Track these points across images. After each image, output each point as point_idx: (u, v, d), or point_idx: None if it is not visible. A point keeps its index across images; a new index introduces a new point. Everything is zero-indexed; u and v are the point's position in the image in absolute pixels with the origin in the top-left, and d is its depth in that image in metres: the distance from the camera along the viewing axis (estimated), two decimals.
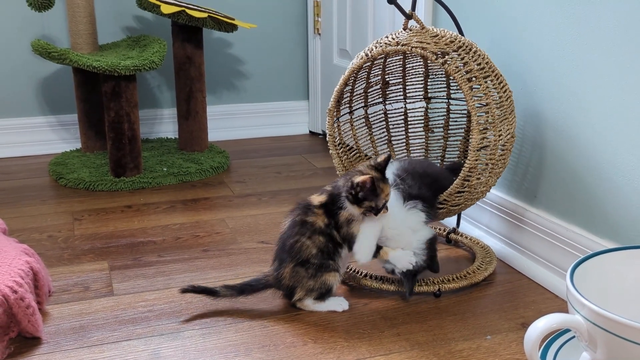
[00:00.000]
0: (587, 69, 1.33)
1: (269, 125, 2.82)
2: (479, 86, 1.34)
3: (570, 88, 1.38)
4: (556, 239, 1.43)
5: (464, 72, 1.33)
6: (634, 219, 1.25)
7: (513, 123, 1.42)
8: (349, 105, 1.59)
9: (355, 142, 1.63)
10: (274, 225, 1.82)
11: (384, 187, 1.29)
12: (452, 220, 1.73)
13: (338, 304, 1.36)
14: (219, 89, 2.73)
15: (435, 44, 1.36)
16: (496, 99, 1.37)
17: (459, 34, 1.44)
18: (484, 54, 1.40)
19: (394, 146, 1.71)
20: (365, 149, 1.66)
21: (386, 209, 1.30)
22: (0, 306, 1.18)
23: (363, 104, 1.64)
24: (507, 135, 1.39)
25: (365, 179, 1.26)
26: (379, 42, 1.42)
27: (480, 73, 1.35)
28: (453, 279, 1.44)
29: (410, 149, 1.71)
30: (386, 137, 1.70)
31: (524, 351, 1.09)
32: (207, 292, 1.35)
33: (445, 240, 1.69)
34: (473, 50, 1.38)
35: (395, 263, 1.34)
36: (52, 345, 1.24)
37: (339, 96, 1.50)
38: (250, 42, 2.72)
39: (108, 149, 2.16)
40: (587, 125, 1.34)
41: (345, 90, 1.53)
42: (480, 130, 1.33)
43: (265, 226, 1.83)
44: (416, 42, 1.36)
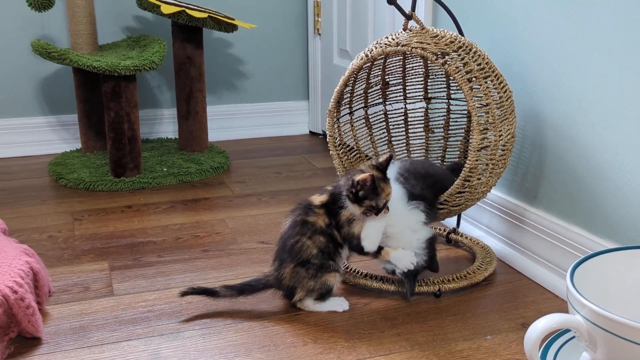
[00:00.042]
0: (587, 69, 1.33)
1: (269, 125, 2.82)
2: (479, 86, 1.34)
3: (570, 88, 1.38)
4: (556, 239, 1.43)
5: (464, 73, 1.33)
6: (634, 219, 1.25)
7: (513, 123, 1.41)
8: (349, 105, 1.59)
9: (356, 143, 1.63)
10: (274, 225, 1.82)
11: (384, 187, 1.28)
12: (452, 220, 1.73)
13: (338, 304, 1.36)
14: (219, 89, 2.73)
15: (436, 44, 1.36)
16: (496, 99, 1.37)
17: (459, 34, 1.44)
18: (484, 54, 1.40)
19: (394, 147, 1.71)
20: (366, 150, 1.66)
21: (387, 209, 1.30)
22: (0, 306, 1.18)
23: (363, 105, 1.64)
24: (508, 135, 1.39)
25: (366, 176, 1.26)
26: (379, 43, 1.42)
27: (480, 73, 1.35)
28: (453, 279, 1.44)
29: (410, 149, 1.71)
30: (386, 138, 1.70)
31: (524, 351, 1.09)
32: (207, 293, 1.35)
33: (446, 240, 1.69)
34: (473, 50, 1.38)
35: (397, 263, 1.34)
36: (52, 346, 1.24)
37: (339, 97, 1.50)
38: (250, 42, 2.72)
39: (108, 149, 2.16)
40: (587, 125, 1.34)
41: (346, 90, 1.53)
42: (480, 131, 1.33)
43: (265, 226, 1.83)
44: (416, 43, 1.36)
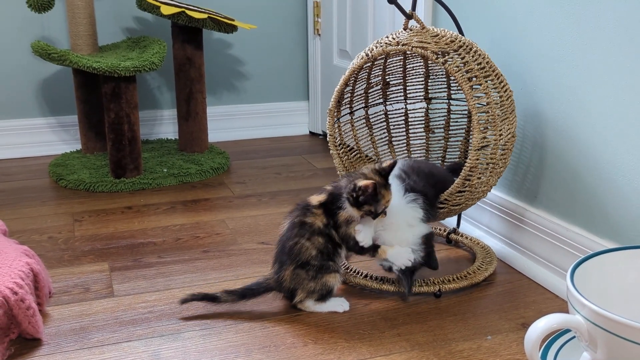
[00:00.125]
0: (587, 69, 1.33)
1: (269, 126, 2.82)
2: (479, 86, 1.34)
3: (570, 88, 1.38)
4: (556, 239, 1.43)
5: (465, 72, 1.33)
6: (634, 219, 1.25)
7: (514, 123, 1.41)
8: (349, 105, 1.58)
9: (356, 143, 1.63)
10: (274, 225, 1.82)
11: (385, 194, 1.29)
12: (453, 220, 1.73)
13: (339, 304, 1.36)
14: (219, 89, 2.73)
15: (436, 43, 1.36)
16: (497, 99, 1.37)
17: (459, 34, 1.44)
18: (484, 54, 1.40)
19: (394, 147, 1.71)
20: (366, 150, 1.66)
21: (384, 214, 1.31)
22: (1, 307, 1.18)
23: (364, 105, 1.64)
24: (508, 134, 1.39)
25: (369, 184, 1.26)
26: (380, 42, 1.42)
27: (480, 73, 1.35)
28: (453, 279, 1.43)
29: (410, 149, 1.71)
30: (387, 138, 1.70)
31: (524, 351, 1.09)
32: (208, 299, 1.34)
33: (446, 240, 1.69)
34: (473, 50, 1.38)
35: (394, 261, 1.34)
36: (53, 347, 1.24)
37: (340, 96, 1.50)
38: (250, 43, 2.72)
39: (108, 150, 2.16)
40: (587, 125, 1.34)
41: (346, 90, 1.53)
42: (480, 130, 1.33)
43: (266, 227, 1.82)
44: (416, 42, 1.36)
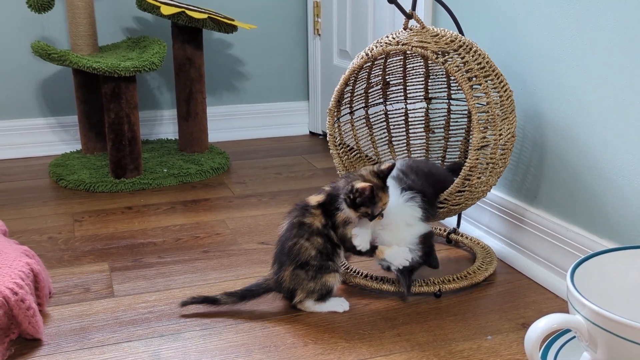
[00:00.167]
0: (587, 69, 1.33)
1: (269, 126, 2.82)
2: (479, 85, 1.34)
3: (570, 88, 1.38)
4: (556, 239, 1.43)
5: (465, 72, 1.33)
6: (634, 219, 1.25)
7: (513, 123, 1.41)
8: (349, 105, 1.58)
9: (356, 143, 1.63)
10: (274, 226, 1.82)
11: (382, 196, 1.29)
12: (453, 220, 1.73)
13: (339, 304, 1.36)
14: (219, 89, 2.73)
15: (436, 43, 1.36)
16: (496, 99, 1.37)
17: (459, 34, 1.44)
18: (484, 54, 1.40)
19: (394, 147, 1.71)
20: (366, 150, 1.66)
21: (381, 216, 1.31)
22: (1, 308, 1.18)
23: (364, 104, 1.64)
24: (508, 134, 1.39)
25: (366, 186, 1.26)
26: (379, 42, 1.42)
27: (480, 72, 1.35)
28: (453, 279, 1.43)
29: (411, 149, 1.71)
30: (387, 138, 1.70)
31: (524, 351, 1.09)
32: (208, 301, 1.35)
33: (446, 240, 1.69)
34: (473, 49, 1.38)
35: (392, 261, 1.34)
36: (53, 347, 1.24)
37: (340, 96, 1.50)
38: (250, 43, 2.72)
39: (108, 150, 2.16)
40: (587, 125, 1.34)
41: (346, 90, 1.53)
42: (480, 130, 1.33)
43: (266, 227, 1.82)
44: (416, 42, 1.36)
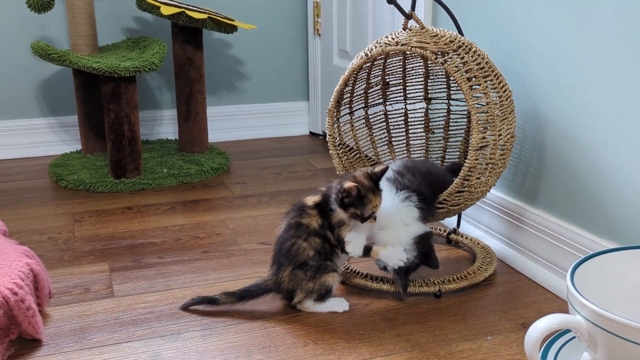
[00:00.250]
0: (587, 69, 1.33)
1: (269, 126, 2.82)
2: (478, 86, 1.34)
3: (570, 88, 1.38)
4: (556, 239, 1.43)
5: (464, 72, 1.33)
6: (634, 219, 1.25)
7: (513, 123, 1.41)
8: (349, 105, 1.58)
9: (356, 143, 1.63)
10: (274, 226, 1.81)
11: (372, 198, 1.28)
12: (453, 220, 1.73)
13: (338, 304, 1.36)
14: (219, 90, 2.73)
15: (435, 43, 1.36)
16: (496, 99, 1.37)
17: (458, 34, 1.44)
18: (483, 54, 1.40)
19: (394, 147, 1.71)
20: (366, 150, 1.66)
21: (373, 219, 1.30)
22: (1, 308, 1.18)
23: (363, 105, 1.64)
24: (507, 135, 1.39)
25: (351, 186, 1.26)
26: (379, 42, 1.42)
27: (480, 73, 1.35)
28: (453, 280, 1.43)
29: (410, 149, 1.71)
30: (386, 138, 1.70)
31: (524, 352, 1.09)
32: (207, 302, 1.35)
33: (446, 240, 1.69)
34: (473, 50, 1.38)
35: (387, 261, 1.34)
36: (53, 347, 1.24)
37: (339, 96, 1.50)
38: (250, 43, 2.72)
39: (108, 150, 2.16)
40: (587, 125, 1.34)
41: (346, 90, 1.53)
42: (480, 130, 1.32)
43: (266, 227, 1.82)
44: (416, 42, 1.36)
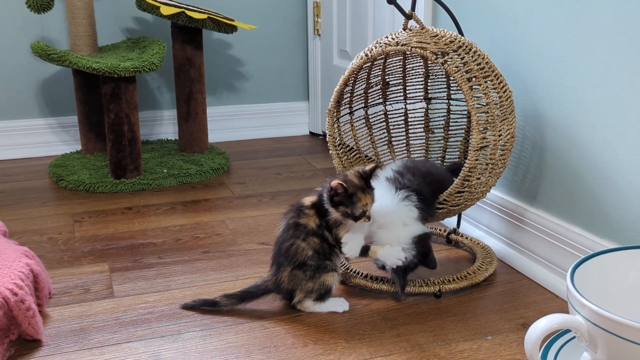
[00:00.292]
0: (587, 69, 1.33)
1: (269, 126, 2.82)
2: (478, 86, 1.34)
3: (570, 88, 1.38)
4: (556, 239, 1.43)
5: (464, 72, 1.33)
6: (634, 219, 1.25)
7: (513, 123, 1.41)
8: (349, 105, 1.58)
9: (356, 143, 1.63)
10: (274, 226, 1.81)
11: (361, 197, 1.27)
12: (453, 220, 1.73)
13: (338, 304, 1.36)
14: (219, 90, 2.73)
15: (435, 43, 1.36)
16: (496, 99, 1.37)
17: (458, 34, 1.44)
18: (483, 54, 1.40)
19: (394, 147, 1.71)
20: (366, 150, 1.66)
21: (367, 219, 1.29)
22: (1, 308, 1.18)
23: (363, 105, 1.64)
24: (507, 135, 1.39)
25: (335, 184, 1.26)
26: (379, 43, 1.42)
27: (480, 73, 1.35)
28: (453, 280, 1.43)
29: (410, 149, 1.71)
30: (386, 138, 1.70)
31: (524, 351, 1.09)
32: (208, 304, 1.35)
33: (446, 240, 1.69)
34: (473, 50, 1.38)
35: (385, 260, 1.34)
36: (53, 348, 1.24)
37: (339, 96, 1.50)
38: (250, 43, 2.72)
39: (108, 150, 2.16)
40: (587, 125, 1.34)
41: (345, 90, 1.53)
42: (480, 130, 1.32)
43: (266, 227, 1.82)
44: (416, 42, 1.36)
